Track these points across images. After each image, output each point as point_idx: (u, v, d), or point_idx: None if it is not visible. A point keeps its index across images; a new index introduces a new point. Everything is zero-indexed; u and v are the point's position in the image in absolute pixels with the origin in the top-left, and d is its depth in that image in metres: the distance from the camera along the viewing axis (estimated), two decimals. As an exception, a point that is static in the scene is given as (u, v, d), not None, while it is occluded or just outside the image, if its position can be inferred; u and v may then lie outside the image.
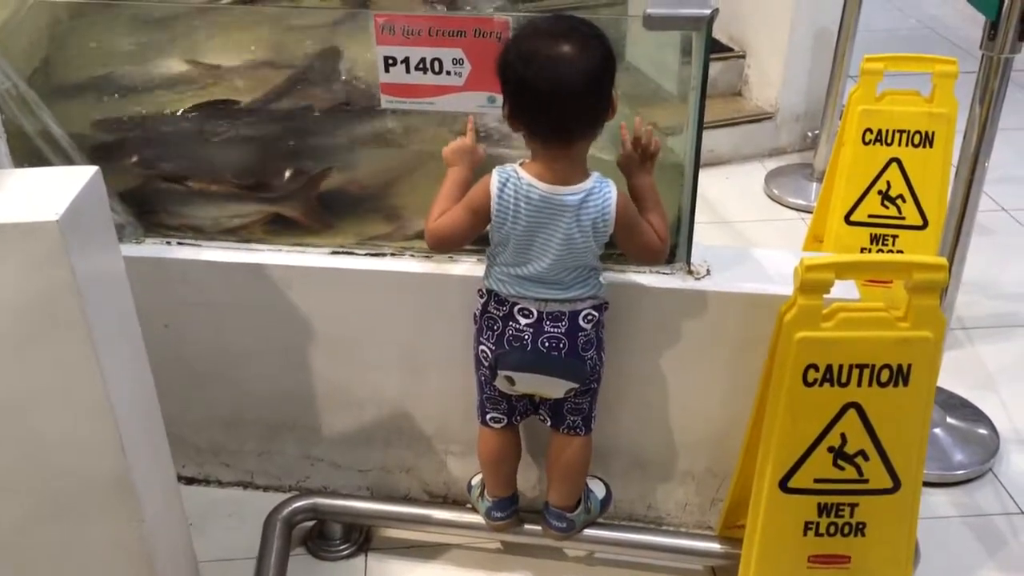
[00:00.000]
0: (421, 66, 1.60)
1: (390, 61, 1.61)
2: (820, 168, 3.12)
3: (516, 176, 1.51)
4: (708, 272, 1.71)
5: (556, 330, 1.56)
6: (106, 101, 1.87)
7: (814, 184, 3.18)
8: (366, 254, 1.78)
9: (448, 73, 1.60)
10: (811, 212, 2.73)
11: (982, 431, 2.17)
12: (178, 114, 1.85)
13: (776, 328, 1.51)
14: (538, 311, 1.56)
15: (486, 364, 1.62)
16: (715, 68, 3.36)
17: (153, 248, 1.81)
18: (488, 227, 1.56)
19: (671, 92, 1.73)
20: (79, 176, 1.25)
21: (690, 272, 1.71)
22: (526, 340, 1.56)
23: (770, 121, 3.43)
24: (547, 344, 1.56)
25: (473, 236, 1.59)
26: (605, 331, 1.62)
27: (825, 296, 1.47)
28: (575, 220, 1.50)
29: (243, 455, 2.00)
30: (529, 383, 1.61)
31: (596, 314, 1.58)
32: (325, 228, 1.84)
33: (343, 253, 1.79)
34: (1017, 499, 2.03)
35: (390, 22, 1.57)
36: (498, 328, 1.58)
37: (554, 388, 1.61)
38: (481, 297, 1.61)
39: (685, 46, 1.60)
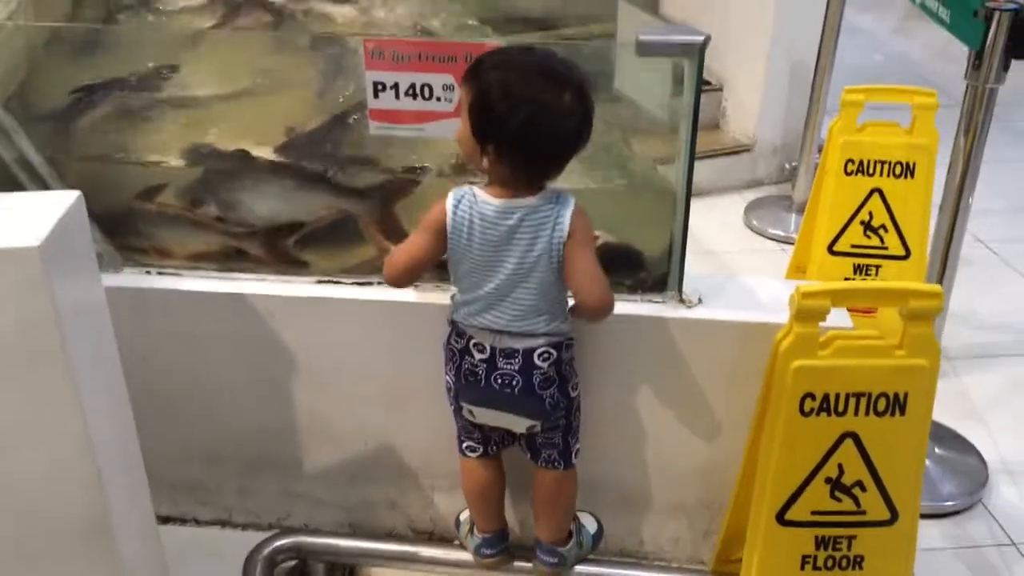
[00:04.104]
0: (411, 92, 1.58)
1: (379, 86, 1.58)
2: (799, 199, 3.14)
3: (471, 194, 1.49)
4: (700, 300, 1.69)
5: (509, 367, 1.52)
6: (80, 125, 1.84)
7: (793, 215, 3.20)
8: (352, 283, 1.75)
9: (438, 99, 1.58)
10: (791, 243, 2.74)
11: (971, 461, 2.16)
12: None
13: (772, 356, 1.49)
14: (491, 346, 1.52)
15: (451, 395, 1.60)
16: (693, 101, 3.38)
17: (132, 278, 1.76)
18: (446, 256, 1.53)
19: (661, 121, 1.72)
20: (61, 201, 1.20)
21: (682, 301, 1.69)
22: (480, 375, 1.54)
23: (748, 153, 3.46)
24: (500, 381, 1.53)
25: (431, 262, 1.55)
26: (574, 366, 1.58)
27: (819, 324, 1.45)
28: (529, 228, 1.46)
29: (221, 492, 1.94)
30: (488, 417, 1.59)
31: (554, 352, 1.53)
32: (294, 268, 1.79)
33: (327, 282, 1.75)
34: (1008, 530, 2.01)
35: (380, 47, 1.55)
36: (456, 361, 1.56)
37: (513, 423, 1.58)
38: (448, 327, 1.59)
39: (674, 75, 1.59)
